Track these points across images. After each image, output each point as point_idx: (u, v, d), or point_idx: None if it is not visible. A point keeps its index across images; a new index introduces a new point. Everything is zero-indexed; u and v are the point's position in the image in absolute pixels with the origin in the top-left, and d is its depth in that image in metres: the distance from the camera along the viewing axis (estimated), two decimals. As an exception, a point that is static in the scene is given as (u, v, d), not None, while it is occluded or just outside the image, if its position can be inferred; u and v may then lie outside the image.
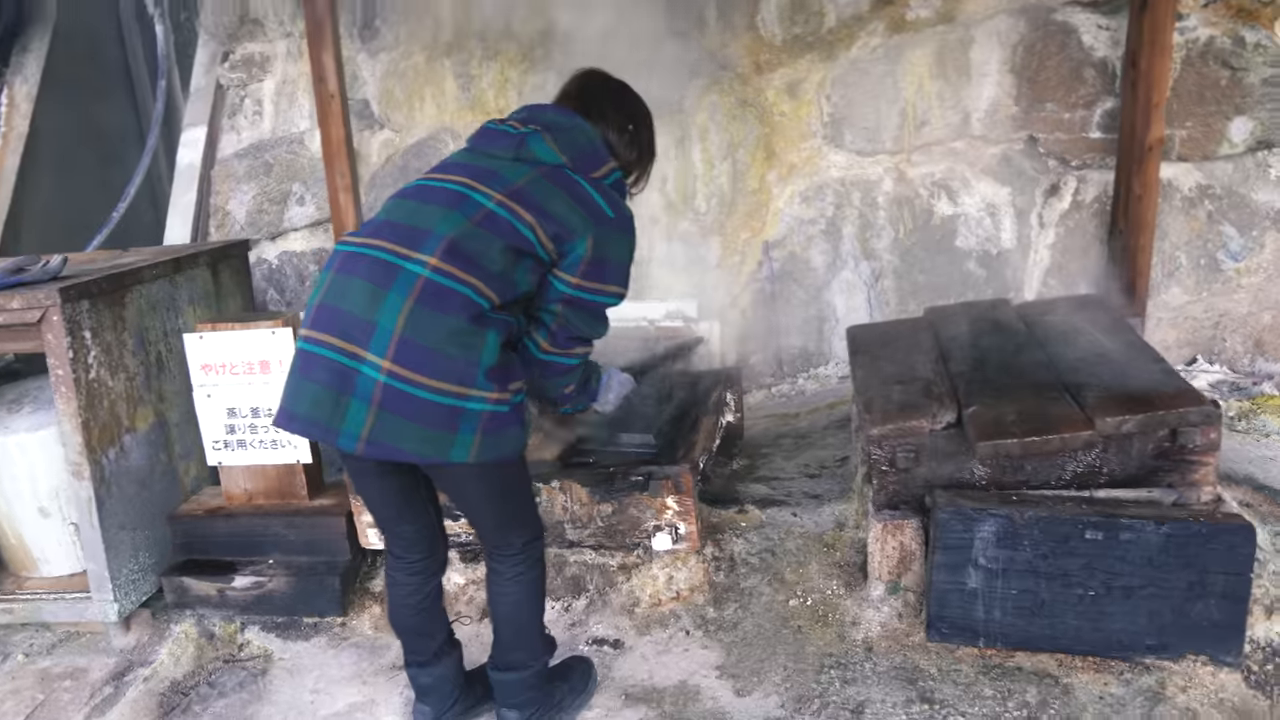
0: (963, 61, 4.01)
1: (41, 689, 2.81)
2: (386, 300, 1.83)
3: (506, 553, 2.16)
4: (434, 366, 1.82)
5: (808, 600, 2.67)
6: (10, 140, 5.53)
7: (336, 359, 1.85)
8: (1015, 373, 2.60)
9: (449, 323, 1.83)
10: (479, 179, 1.98)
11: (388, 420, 1.82)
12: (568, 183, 1.99)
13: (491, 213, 1.92)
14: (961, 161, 4.11)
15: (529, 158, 2.01)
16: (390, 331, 1.82)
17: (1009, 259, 4.13)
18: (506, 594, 2.18)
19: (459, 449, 1.86)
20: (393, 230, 1.93)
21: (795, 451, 3.58)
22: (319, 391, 1.85)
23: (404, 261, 1.86)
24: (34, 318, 2.62)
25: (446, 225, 1.89)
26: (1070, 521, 2.23)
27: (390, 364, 1.81)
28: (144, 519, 2.96)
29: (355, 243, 1.95)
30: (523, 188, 1.96)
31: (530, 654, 2.25)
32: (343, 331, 1.85)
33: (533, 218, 1.93)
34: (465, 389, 1.84)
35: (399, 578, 2.23)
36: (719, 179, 4.45)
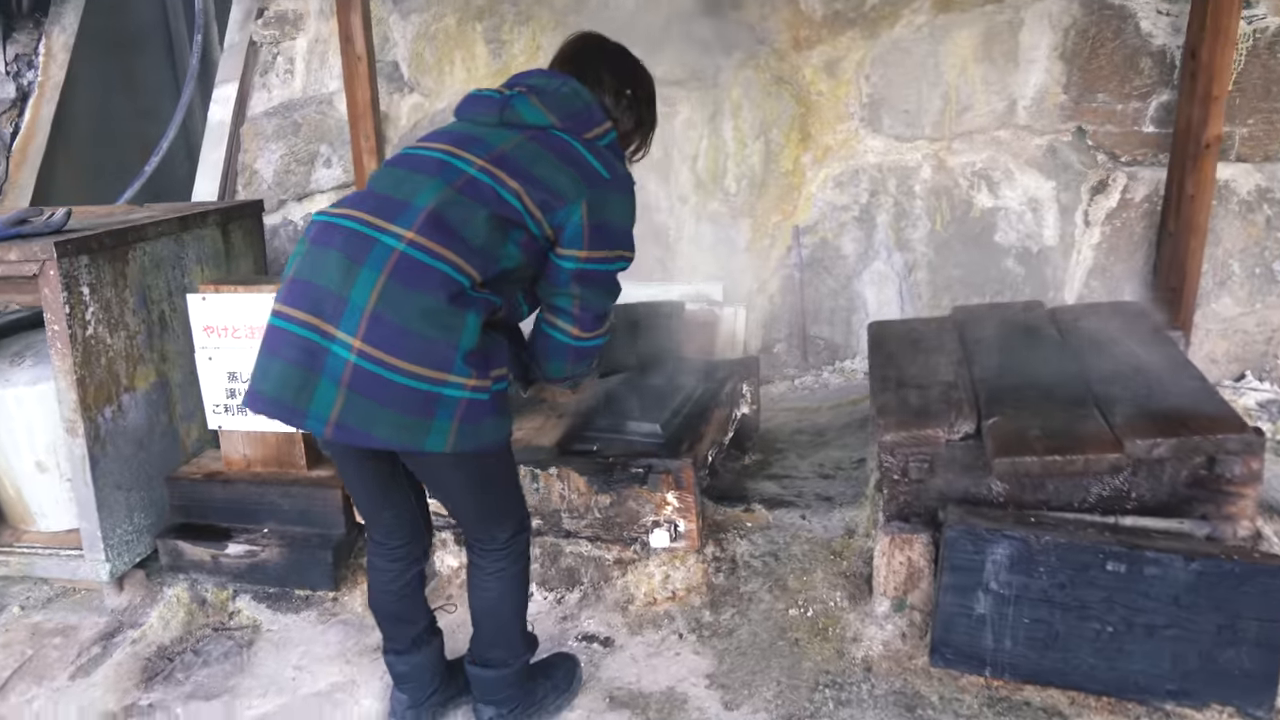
0: (1010, 45, 3.80)
1: (31, 644, 2.80)
2: (360, 275, 1.72)
3: (488, 546, 2.06)
4: (408, 348, 1.71)
5: (808, 611, 2.55)
6: (46, 90, 5.52)
7: (306, 335, 1.74)
8: (1043, 383, 2.44)
9: (425, 301, 1.71)
10: (461, 145, 1.87)
11: (357, 403, 1.71)
12: (557, 144, 1.88)
13: (473, 179, 1.81)
14: (1005, 151, 3.92)
15: (514, 120, 1.90)
16: (362, 308, 1.71)
17: (1050, 257, 3.93)
18: (487, 589, 2.09)
19: (435, 437, 1.75)
20: (372, 201, 1.83)
21: (811, 449, 3.45)
22: (286, 369, 1.75)
23: (379, 234, 1.75)
24: (31, 271, 2.56)
25: (426, 195, 1.79)
26: (1091, 550, 2.09)
27: (361, 343, 1.70)
28: (141, 479, 2.91)
29: (333, 213, 1.84)
30: (507, 152, 1.85)
31: (510, 651, 2.16)
32: (314, 307, 1.74)
33: (518, 184, 1.81)
34: (442, 374, 1.73)
35: (379, 563, 2.15)
36: (750, 159, 4.30)
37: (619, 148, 2.03)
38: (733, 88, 4.27)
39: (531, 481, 2.73)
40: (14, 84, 5.47)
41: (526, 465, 2.71)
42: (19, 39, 5.53)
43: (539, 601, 2.73)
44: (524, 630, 2.19)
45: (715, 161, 4.38)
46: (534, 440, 2.74)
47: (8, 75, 5.48)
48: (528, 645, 2.21)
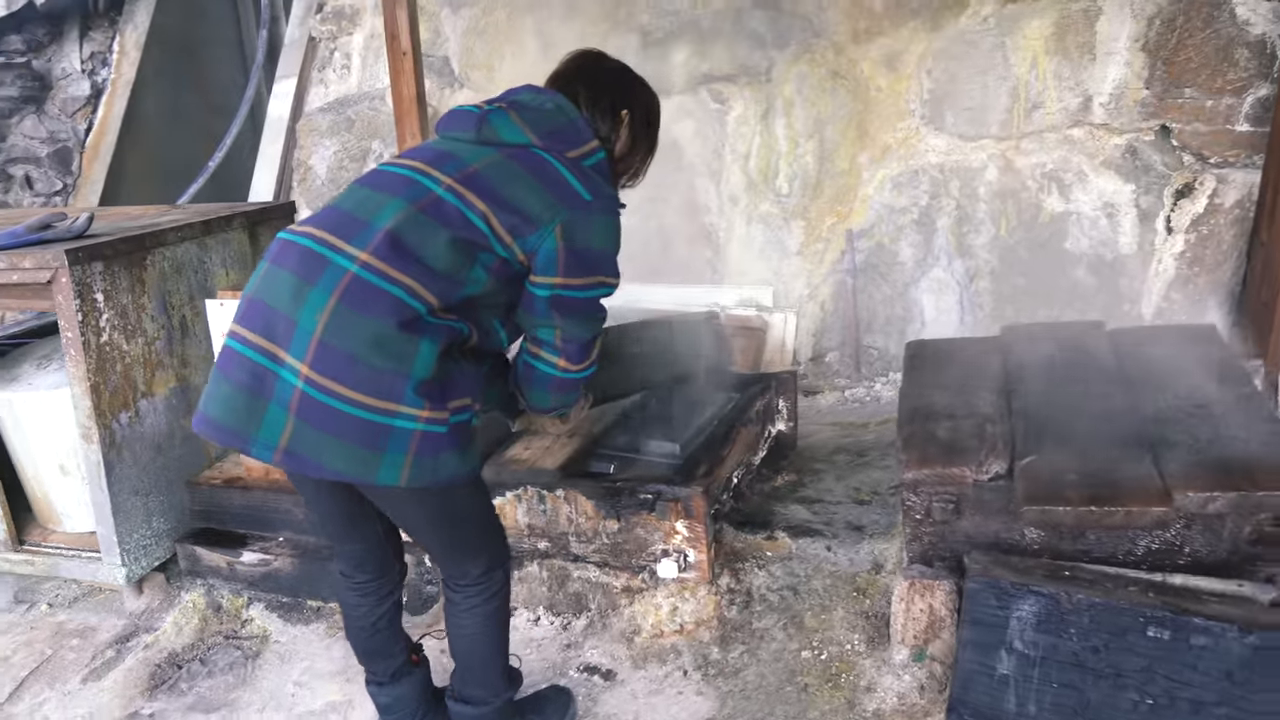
0: (1087, 36, 3.50)
1: (52, 644, 2.83)
2: (310, 297, 1.63)
3: (461, 582, 1.96)
4: (355, 377, 1.60)
5: (823, 654, 2.37)
6: (118, 87, 5.65)
7: (255, 358, 1.66)
8: (1090, 418, 2.20)
9: (373, 327, 1.61)
10: (433, 163, 1.76)
11: (306, 432, 1.62)
12: (535, 163, 1.75)
13: (438, 199, 1.70)
14: (1078, 152, 3.61)
15: (490, 138, 1.78)
16: (310, 332, 1.62)
17: (1126, 267, 3.62)
18: (462, 626, 1.98)
19: (386, 470, 1.64)
20: (334, 219, 1.73)
21: (850, 470, 3.24)
22: (233, 394, 1.67)
23: (333, 254, 1.66)
24: (45, 278, 2.56)
25: (386, 214, 1.69)
26: (1130, 612, 1.86)
27: (308, 370, 1.61)
28: (160, 484, 2.91)
29: (294, 231, 1.75)
30: (478, 171, 1.73)
31: (488, 690, 2.05)
32: (265, 329, 1.66)
33: (485, 205, 1.70)
34: (392, 404, 1.62)
35: (350, 599, 2.05)
36: (804, 158, 4.08)
37: (606, 169, 1.88)
38: (786, 83, 4.07)
39: (539, 503, 2.61)
40: (89, 81, 5.62)
41: (533, 486, 2.60)
42: (95, 37, 5.68)
43: (544, 626, 2.63)
44: (504, 668, 2.07)
45: (767, 161, 4.19)
46: (541, 460, 2.63)
47: (83, 73, 5.63)
48: (509, 683, 2.09)
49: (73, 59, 5.72)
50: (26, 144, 5.59)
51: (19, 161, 5.58)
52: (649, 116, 1.98)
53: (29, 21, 5.53)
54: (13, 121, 5.58)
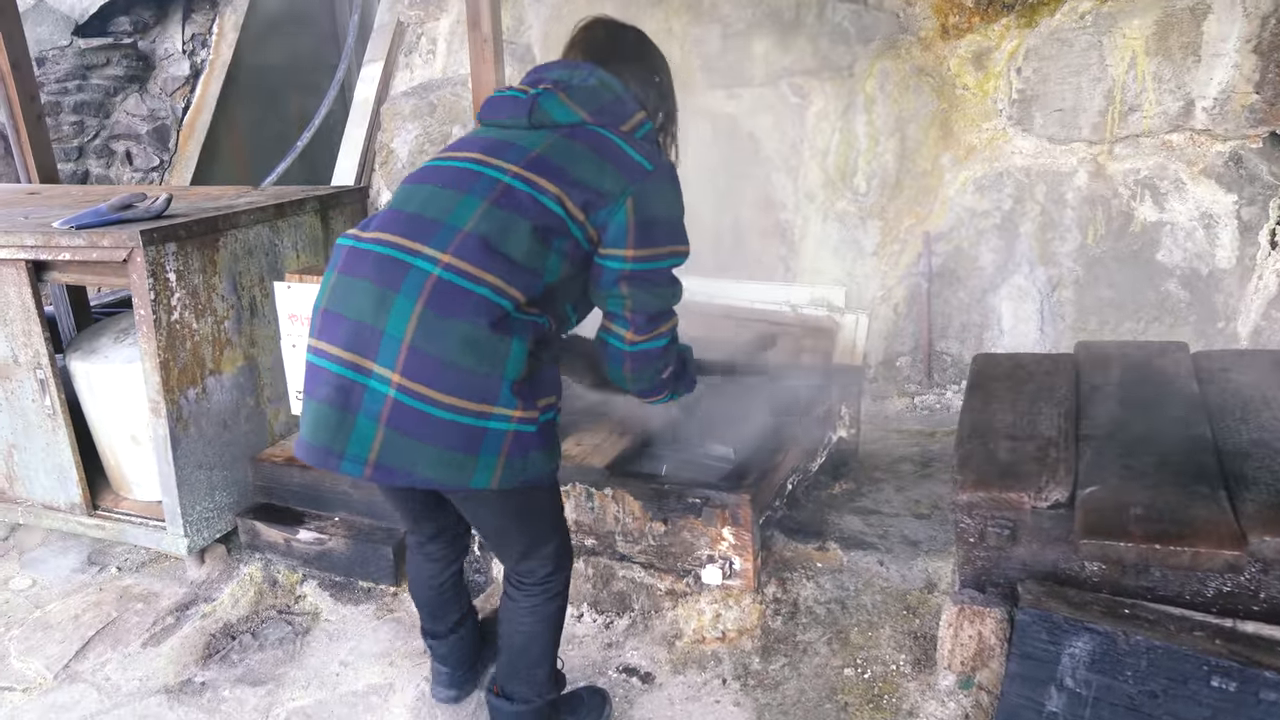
0: (1192, 36, 3.29)
1: (117, 607, 2.94)
2: (395, 304, 1.61)
3: (526, 581, 1.95)
4: (450, 381, 1.59)
5: (866, 673, 2.30)
6: (216, 68, 5.84)
7: (340, 372, 1.64)
8: (1162, 448, 2.06)
9: (464, 329, 1.59)
10: (492, 152, 1.73)
11: (397, 441, 1.61)
12: (594, 140, 1.72)
13: (509, 188, 1.67)
14: (1177, 158, 3.41)
15: (544, 121, 1.75)
16: (399, 339, 1.59)
17: (1222, 282, 3.41)
18: (520, 626, 1.98)
19: (481, 474, 1.63)
20: (401, 222, 1.70)
21: (912, 481, 3.14)
22: (323, 411, 1.66)
23: (413, 258, 1.63)
24: (120, 257, 2.65)
25: (460, 213, 1.66)
26: (1194, 659, 1.74)
27: (400, 377, 1.59)
28: (224, 459, 2.99)
29: (361, 238, 1.72)
30: (541, 155, 1.70)
31: (534, 690, 2.04)
32: (347, 340, 1.64)
33: (558, 188, 1.66)
34: (488, 406, 1.61)
35: (418, 561, 2.16)
36: (883, 156, 3.96)
37: (655, 137, 1.86)
38: (869, 79, 3.95)
39: (587, 500, 2.60)
40: (189, 62, 5.82)
41: (582, 483, 2.59)
42: (196, 19, 5.88)
43: (586, 624, 2.61)
44: (553, 670, 2.06)
45: (846, 158, 4.08)
46: (590, 458, 2.61)
47: (184, 54, 5.83)
48: (554, 685, 2.08)
49: (175, 40, 5.93)
50: (129, 121, 5.83)
51: (121, 138, 5.82)
52: (670, 80, 1.96)
53: (137, 4, 5.75)
54: (117, 99, 5.82)
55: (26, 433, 2.98)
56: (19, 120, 3.86)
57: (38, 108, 3.93)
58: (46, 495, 3.05)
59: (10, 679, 2.62)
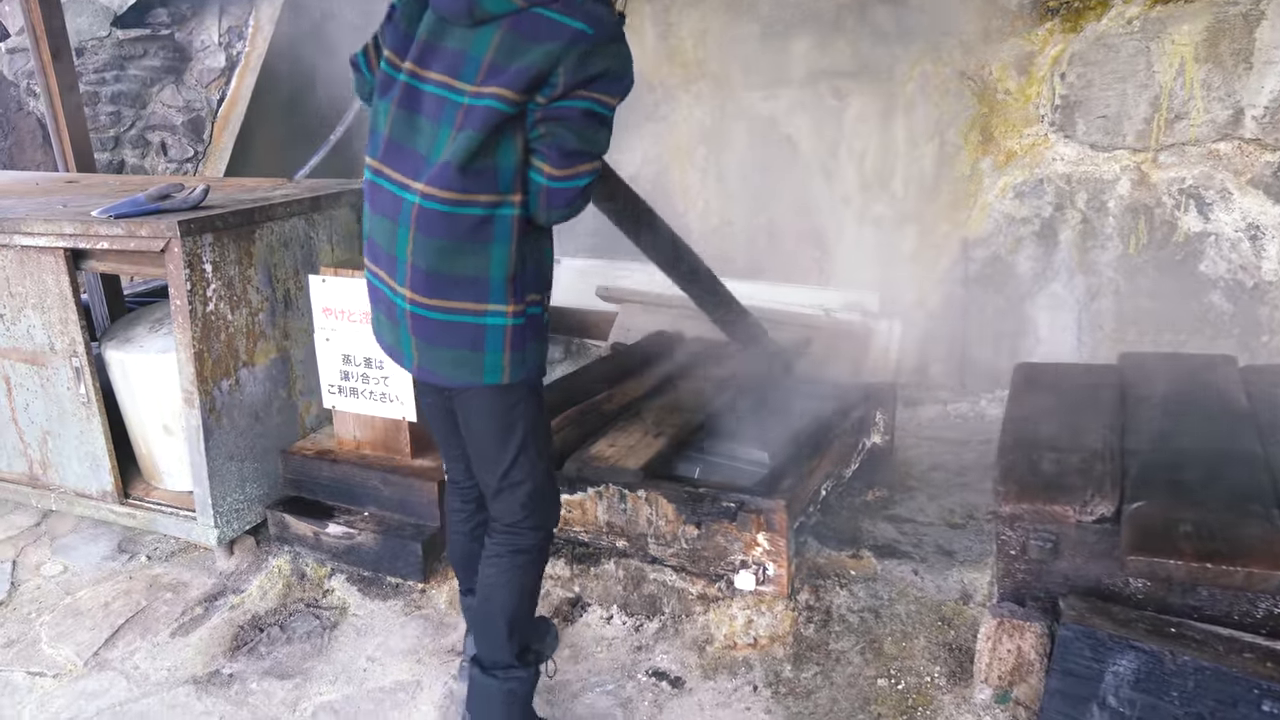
0: (1244, 43, 3.23)
1: (147, 595, 2.95)
2: (399, 234, 1.86)
3: (499, 524, 2.02)
4: (445, 287, 1.82)
5: (900, 683, 2.26)
6: (251, 60, 5.86)
7: (384, 291, 1.93)
8: (1211, 464, 2.02)
9: (446, 244, 1.80)
10: (454, 73, 1.79)
11: (423, 347, 1.88)
12: (533, 24, 1.73)
13: (469, 109, 1.76)
14: (1224, 168, 3.35)
15: (483, 16, 1.75)
16: (405, 261, 1.84)
17: (1268, 295, 3.34)
18: (486, 574, 2.04)
19: (491, 372, 1.86)
20: (395, 154, 1.87)
21: (946, 490, 3.10)
22: (383, 321, 1.98)
23: (404, 192, 1.84)
24: (158, 247, 2.65)
25: (436, 145, 1.80)
26: (1243, 682, 1.70)
27: (410, 292, 1.85)
28: (255, 451, 3.00)
29: (372, 168, 1.92)
30: (492, 61, 1.74)
31: (494, 653, 2.05)
32: (383, 264, 1.92)
33: (507, 89, 1.72)
34: (483, 305, 1.82)
35: (455, 503, 2.26)
36: (922, 160, 3.92)
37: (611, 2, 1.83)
38: (909, 82, 3.91)
39: (620, 501, 2.58)
40: (224, 54, 5.85)
41: (615, 484, 2.57)
42: (233, 11, 5.91)
43: (615, 625, 2.59)
44: (514, 639, 2.04)
45: (883, 161, 4.04)
46: (624, 459, 2.59)
47: (220, 46, 5.86)
48: (517, 656, 2.05)
49: (211, 32, 5.96)
50: (164, 112, 5.86)
51: (157, 129, 5.86)
52: None
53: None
54: (153, 90, 5.86)
55: (61, 420, 3.00)
56: (58, 110, 3.89)
57: (77, 98, 3.96)
58: (79, 482, 3.07)
59: (41, 664, 2.63)
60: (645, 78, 4.58)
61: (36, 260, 2.82)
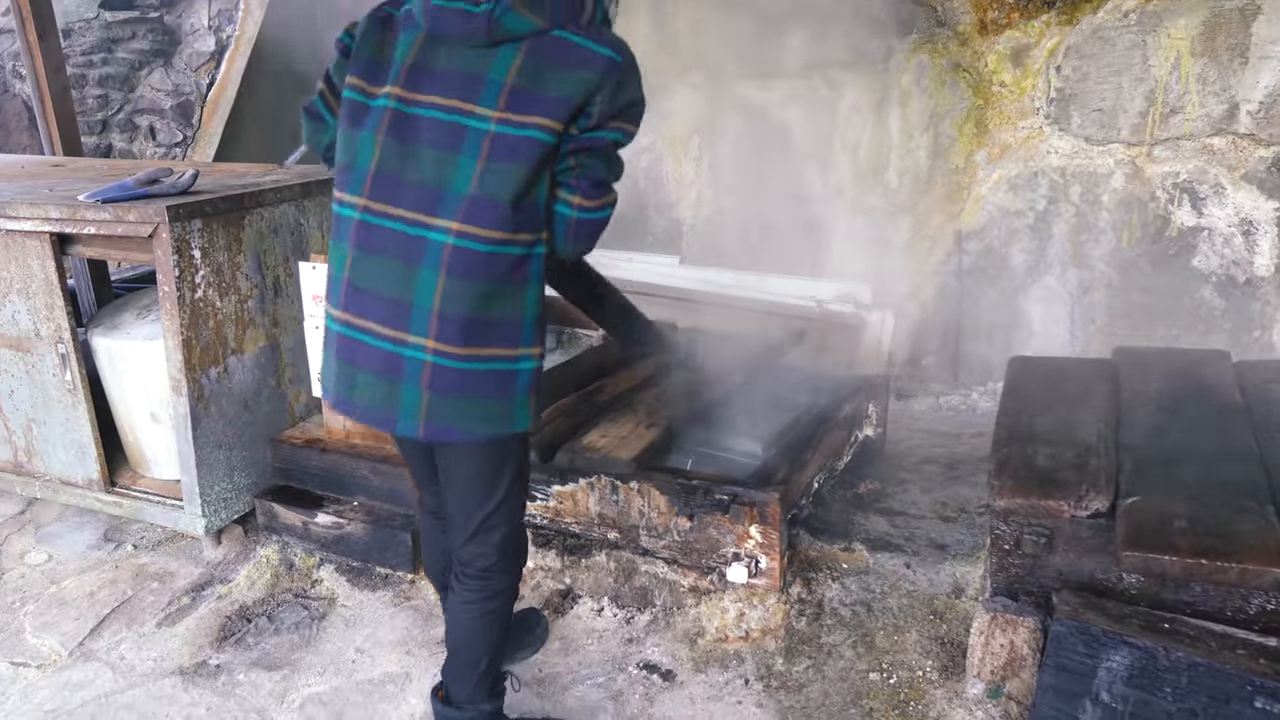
0: (1240, 37, 3.22)
1: (133, 585, 2.92)
2: (419, 277, 1.68)
3: (468, 572, 1.96)
4: (481, 334, 1.70)
5: (892, 677, 2.26)
6: (241, 44, 5.79)
7: (384, 346, 1.72)
8: (1206, 459, 2.01)
9: (486, 286, 1.68)
10: (467, 97, 1.66)
11: (440, 403, 1.72)
12: (560, 49, 1.66)
13: (496, 136, 1.64)
14: (1218, 163, 3.35)
15: (505, 36, 1.66)
16: (429, 309, 1.68)
17: (1259, 290, 3.35)
18: (458, 620, 2.00)
19: (520, 418, 1.78)
20: (390, 187, 1.70)
21: (938, 483, 3.10)
22: (370, 379, 1.75)
23: (427, 231, 1.68)
24: (146, 232, 2.62)
25: (460, 178, 1.65)
26: (1236, 679, 1.70)
27: (435, 343, 1.69)
28: (244, 439, 2.97)
29: (358, 206, 1.72)
30: (515, 86, 1.64)
31: (467, 693, 2.02)
32: (381, 316, 1.72)
33: (541, 117, 1.64)
34: (514, 349, 1.73)
35: (429, 520, 2.17)
36: (916, 152, 3.90)
37: (609, 19, 1.80)
38: (904, 73, 3.89)
39: (611, 493, 2.56)
40: (214, 37, 5.78)
41: (607, 475, 2.55)
42: (222, -6, 5.83)
43: (606, 618, 2.58)
44: (490, 676, 2.03)
45: (877, 153, 4.02)
46: (617, 450, 2.57)
47: (209, 29, 5.79)
48: (492, 695, 2.05)
49: (201, 15, 5.89)
50: (153, 96, 5.80)
51: (145, 112, 5.79)
52: None
53: (162, -24, 5.71)
54: (142, 74, 5.79)
55: (46, 407, 2.96)
56: (45, 92, 3.84)
57: (64, 80, 3.91)
58: (64, 470, 3.03)
59: (25, 655, 2.61)
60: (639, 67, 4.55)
61: (22, 245, 2.78)
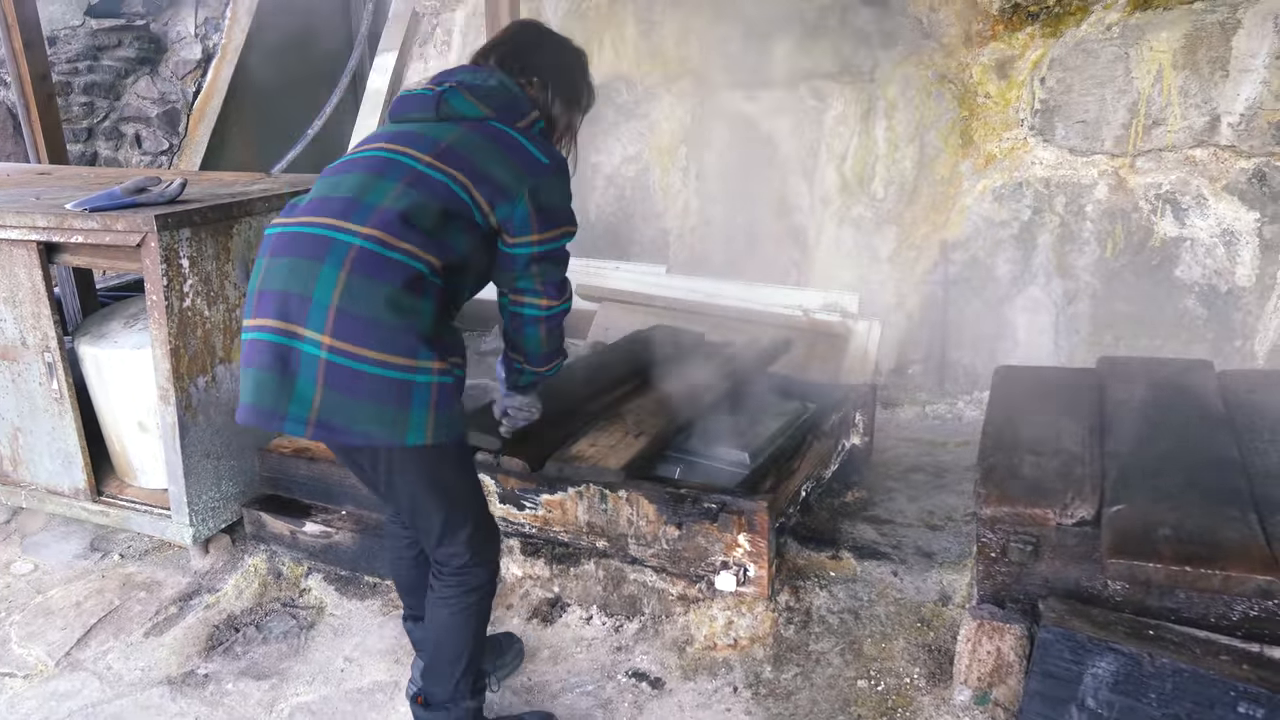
0: (1221, 51, 3.27)
1: (120, 594, 2.91)
2: (321, 273, 1.72)
3: (444, 570, 1.97)
4: (376, 337, 1.70)
5: (880, 685, 2.27)
6: (228, 53, 5.79)
7: (274, 340, 1.74)
8: (1190, 468, 2.04)
9: (386, 290, 1.71)
10: (404, 143, 1.86)
11: (335, 399, 1.71)
12: (495, 135, 1.89)
13: (422, 174, 1.81)
14: (1200, 174, 3.39)
15: (450, 114, 1.90)
16: (327, 304, 1.70)
17: (1241, 300, 3.39)
18: (436, 618, 2.00)
19: (414, 430, 1.73)
20: (322, 205, 1.82)
21: (924, 492, 3.12)
22: (261, 376, 1.75)
23: (336, 233, 1.76)
24: (134, 241, 2.61)
25: (378, 193, 1.78)
26: (1220, 684, 1.72)
27: (330, 339, 1.70)
28: (231, 449, 2.96)
29: (286, 223, 1.83)
30: (450, 146, 1.84)
31: (447, 691, 2.03)
32: (280, 311, 1.74)
33: (465, 177, 1.82)
34: (412, 360, 1.72)
35: (394, 529, 2.18)
36: (902, 162, 3.93)
37: (548, 132, 2.02)
38: (890, 84, 3.92)
39: (600, 501, 2.57)
40: (200, 46, 5.78)
41: (596, 484, 2.56)
42: (209, 3, 5.84)
43: (595, 626, 2.58)
44: (470, 673, 2.03)
45: (864, 163, 4.05)
46: (605, 459, 2.58)
47: (196, 37, 5.79)
48: (473, 692, 2.05)
49: (188, 23, 5.89)
50: (139, 104, 5.79)
51: (131, 120, 5.78)
52: (571, 79, 2.07)
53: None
54: (128, 82, 5.78)
55: (32, 416, 2.95)
56: (30, 100, 3.83)
57: (49, 87, 3.90)
58: (51, 479, 3.02)
59: (11, 665, 2.59)
60: (626, 76, 4.57)
61: (8, 253, 2.77)
